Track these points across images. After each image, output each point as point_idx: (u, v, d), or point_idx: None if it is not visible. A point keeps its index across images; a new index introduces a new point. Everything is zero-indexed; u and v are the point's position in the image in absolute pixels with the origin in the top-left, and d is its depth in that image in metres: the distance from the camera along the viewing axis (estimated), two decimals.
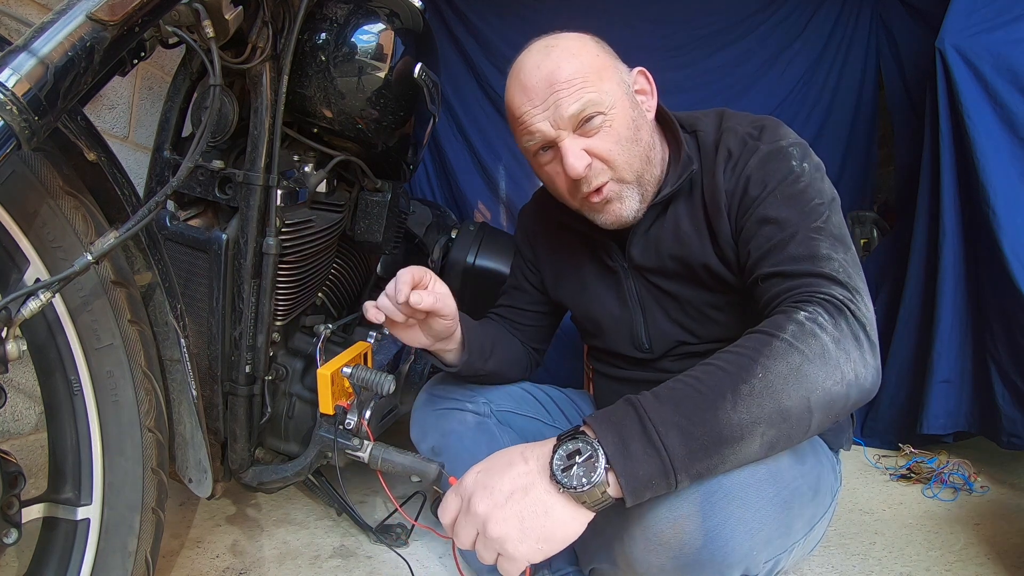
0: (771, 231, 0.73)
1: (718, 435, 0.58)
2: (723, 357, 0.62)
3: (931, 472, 1.44)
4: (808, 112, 2.04)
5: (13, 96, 0.51)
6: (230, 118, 0.90)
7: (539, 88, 0.77)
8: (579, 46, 0.79)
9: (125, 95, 1.39)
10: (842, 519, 1.27)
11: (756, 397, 0.58)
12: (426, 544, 1.17)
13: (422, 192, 2.15)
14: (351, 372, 0.79)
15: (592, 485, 0.57)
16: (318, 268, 1.06)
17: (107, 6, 0.56)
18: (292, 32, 0.87)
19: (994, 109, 1.33)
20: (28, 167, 0.63)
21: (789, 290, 0.69)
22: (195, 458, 0.84)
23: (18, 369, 1.06)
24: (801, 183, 0.75)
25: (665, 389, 0.61)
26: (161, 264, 0.76)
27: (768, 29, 2.05)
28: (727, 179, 0.79)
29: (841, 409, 0.62)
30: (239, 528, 1.22)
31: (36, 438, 1.13)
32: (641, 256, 0.88)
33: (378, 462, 0.79)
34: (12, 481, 0.63)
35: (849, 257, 0.70)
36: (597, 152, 0.78)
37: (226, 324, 0.94)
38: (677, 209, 0.85)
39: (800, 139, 0.80)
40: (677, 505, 0.63)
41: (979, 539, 1.18)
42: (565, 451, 0.59)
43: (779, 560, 0.71)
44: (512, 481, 0.59)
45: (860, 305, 0.66)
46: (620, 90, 0.80)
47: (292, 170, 0.98)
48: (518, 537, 0.57)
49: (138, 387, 0.73)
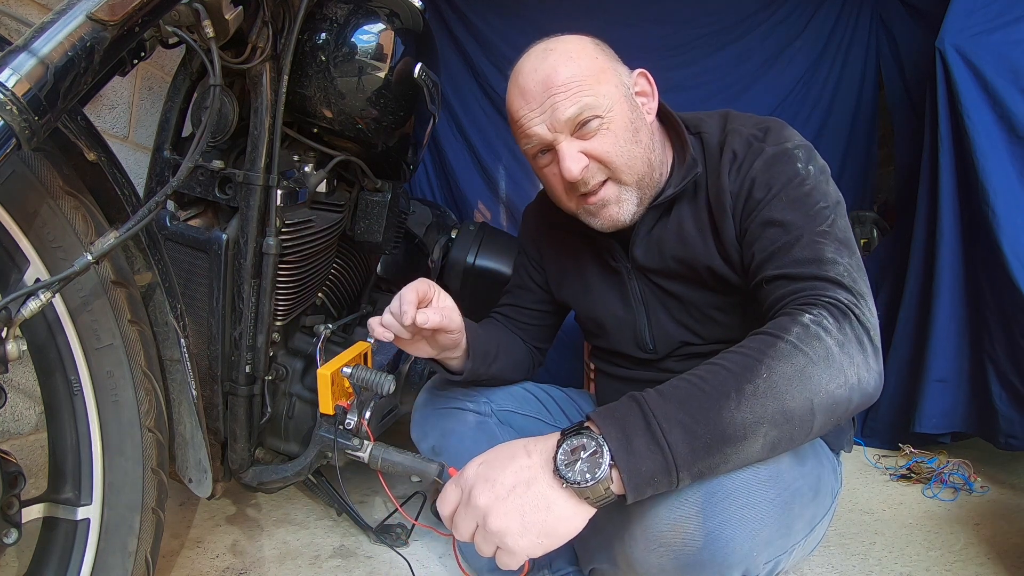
0: (776, 233, 0.73)
1: (721, 434, 0.58)
2: (728, 357, 0.62)
3: (931, 472, 1.44)
4: (808, 112, 2.04)
5: (13, 96, 0.51)
6: (230, 118, 0.90)
7: (536, 92, 0.78)
8: (577, 49, 0.79)
9: (125, 95, 1.39)
10: (842, 519, 1.27)
11: (760, 397, 0.58)
12: (426, 544, 1.17)
13: (422, 192, 2.15)
14: (351, 372, 0.79)
15: (596, 481, 0.56)
16: (318, 268, 1.06)
17: (107, 6, 0.56)
18: (292, 32, 0.87)
19: (993, 109, 1.33)
20: (28, 167, 0.63)
21: (794, 293, 0.69)
22: (195, 458, 0.84)
23: (18, 369, 1.06)
24: (806, 186, 0.75)
25: (669, 387, 0.61)
26: (161, 264, 0.76)
27: (768, 29, 2.04)
28: (732, 181, 0.79)
29: (843, 412, 0.62)
30: (239, 528, 1.22)
31: (36, 438, 1.13)
32: (644, 257, 0.88)
33: (378, 462, 0.79)
34: (12, 481, 0.63)
35: (854, 261, 0.70)
36: (595, 154, 0.78)
37: (226, 324, 0.94)
38: (681, 210, 0.85)
39: (805, 141, 0.80)
40: (678, 506, 0.62)
41: (979, 539, 1.18)
42: (569, 446, 0.58)
43: (779, 561, 0.71)
44: (515, 474, 0.59)
45: (864, 310, 0.66)
46: (619, 92, 0.79)
47: (292, 170, 0.98)
48: (519, 531, 0.57)
49: (138, 387, 0.73)
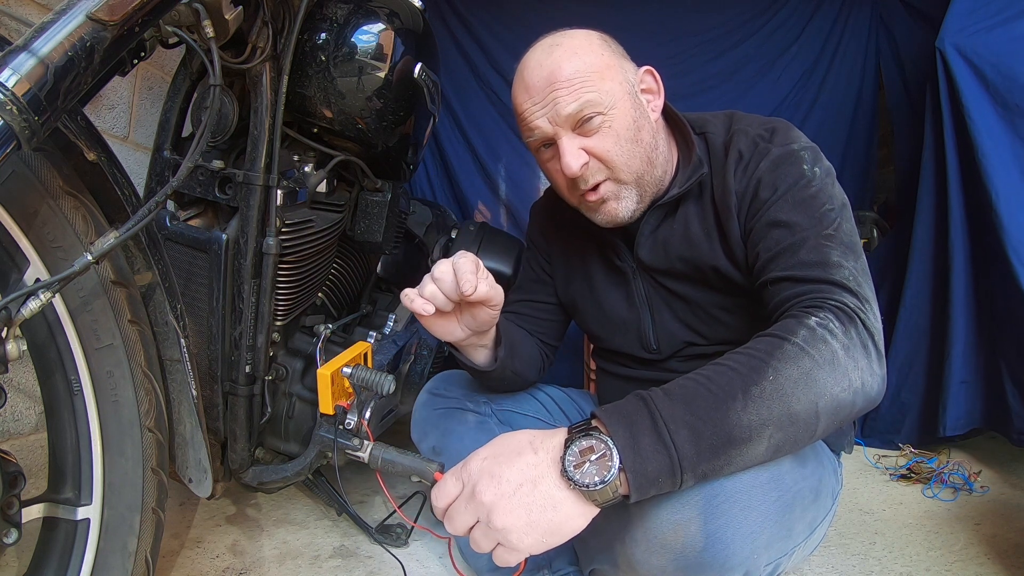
0: (781, 234, 0.74)
1: (727, 435, 0.58)
2: (734, 358, 0.62)
3: (931, 472, 1.44)
4: (808, 112, 2.04)
5: (13, 96, 0.51)
6: (230, 118, 0.90)
7: (540, 86, 0.78)
8: (583, 45, 0.80)
9: (125, 95, 1.39)
10: (842, 519, 1.27)
11: (766, 399, 0.58)
12: (426, 544, 1.17)
13: (422, 192, 2.15)
14: (351, 372, 0.79)
15: (605, 484, 0.56)
16: (318, 268, 1.06)
17: (107, 6, 0.56)
18: (292, 32, 0.87)
19: (995, 108, 1.33)
20: (28, 167, 0.63)
21: (799, 295, 0.69)
22: (195, 458, 0.84)
23: (18, 369, 1.06)
24: (812, 187, 0.75)
25: (676, 386, 0.61)
26: (161, 264, 0.76)
27: (768, 31, 2.04)
28: (738, 180, 0.79)
29: (846, 416, 0.62)
30: (239, 528, 1.22)
31: (36, 438, 1.13)
32: (649, 257, 0.88)
33: (378, 462, 0.79)
34: (12, 481, 0.63)
35: (859, 265, 0.70)
36: (595, 152, 0.78)
37: (226, 324, 0.94)
38: (687, 211, 0.85)
39: (811, 143, 0.80)
40: (679, 508, 0.62)
41: (979, 539, 1.18)
42: (577, 447, 0.58)
43: (780, 563, 0.71)
44: (521, 472, 0.58)
45: (869, 314, 0.66)
46: (622, 90, 0.80)
47: (292, 170, 0.98)
48: (523, 529, 0.57)
49: (138, 387, 0.73)
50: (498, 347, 0.90)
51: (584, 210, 0.85)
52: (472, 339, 0.83)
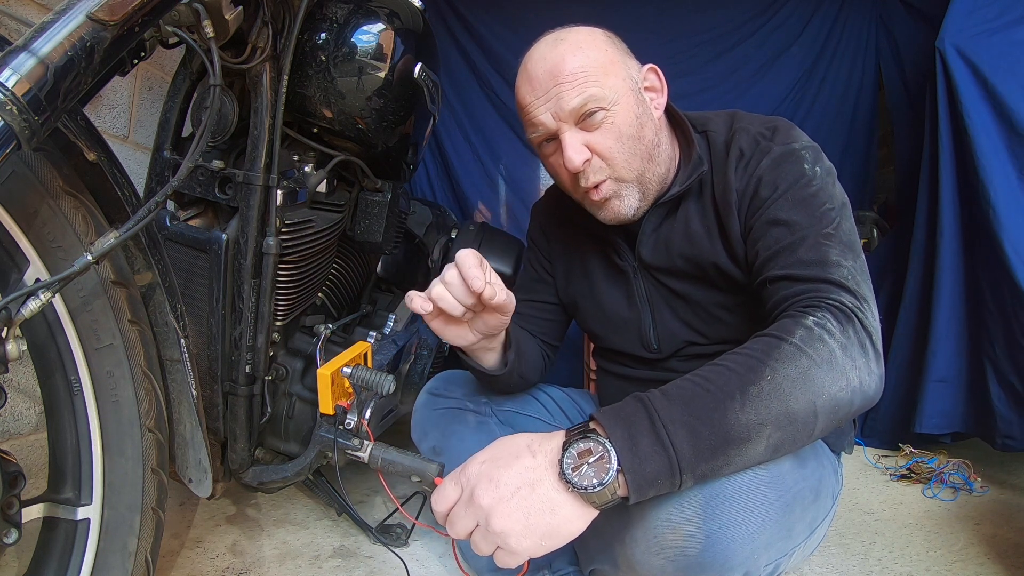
0: (781, 233, 0.74)
1: (725, 435, 0.58)
2: (731, 358, 0.62)
3: (931, 472, 1.44)
4: (808, 112, 2.04)
5: (13, 96, 0.51)
6: (230, 118, 0.90)
7: (543, 80, 0.78)
8: (587, 40, 0.80)
9: (125, 95, 1.39)
10: (842, 519, 1.27)
11: (764, 399, 0.58)
12: (426, 544, 1.17)
13: (422, 192, 2.15)
14: (351, 372, 0.79)
15: (603, 487, 0.56)
16: (318, 268, 1.06)
17: (107, 6, 0.56)
18: (292, 32, 0.87)
19: (994, 109, 1.33)
20: (28, 167, 0.63)
21: (798, 294, 0.69)
22: (195, 458, 0.84)
23: (18, 369, 1.06)
24: (813, 187, 0.75)
25: (674, 387, 0.61)
26: (161, 264, 0.75)
27: (768, 31, 2.04)
28: (738, 178, 0.79)
29: (844, 415, 0.62)
30: (239, 528, 1.22)
31: (36, 438, 1.13)
32: (651, 255, 0.88)
33: (378, 462, 0.79)
34: (12, 481, 0.63)
35: (858, 265, 0.70)
36: (597, 148, 0.78)
37: (226, 324, 0.94)
38: (688, 209, 0.85)
39: (812, 142, 0.80)
40: (679, 508, 0.62)
41: (979, 539, 1.18)
42: (576, 449, 0.58)
43: (779, 563, 0.71)
44: (519, 475, 0.58)
45: (867, 314, 0.66)
46: (625, 86, 0.80)
47: (292, 170, 0.98)
48: (522, 532, 0.57)
49: (138, 387, 0.73)
50: (507, 351, 0.90)
51: (588, 206, 0.85)
52: (483, 343, 0.83)
